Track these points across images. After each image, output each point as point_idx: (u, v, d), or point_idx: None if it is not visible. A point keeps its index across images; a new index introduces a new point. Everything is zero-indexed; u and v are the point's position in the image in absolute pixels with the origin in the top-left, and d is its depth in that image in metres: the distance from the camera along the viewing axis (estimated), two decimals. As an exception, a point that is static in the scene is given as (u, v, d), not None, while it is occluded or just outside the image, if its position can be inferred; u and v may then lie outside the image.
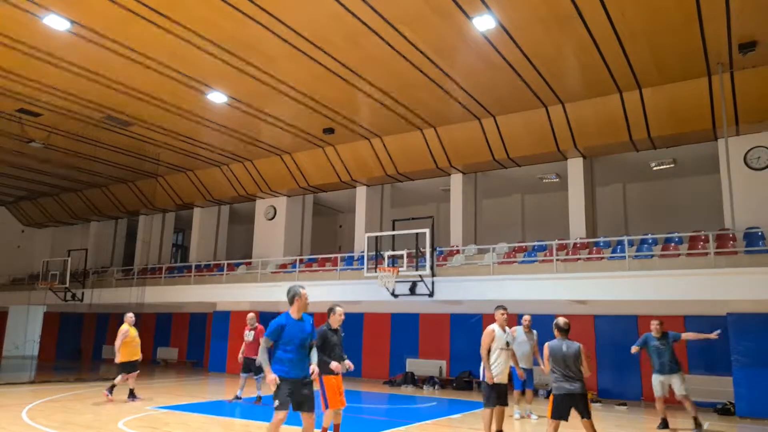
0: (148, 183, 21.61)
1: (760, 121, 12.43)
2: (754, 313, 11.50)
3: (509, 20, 10.26)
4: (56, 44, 11.43)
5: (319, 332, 7.30)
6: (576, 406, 6.68)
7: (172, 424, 8.89)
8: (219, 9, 10.03)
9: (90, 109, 14.82)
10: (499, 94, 13.44)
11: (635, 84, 12.69)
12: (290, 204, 20.41)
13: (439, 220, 17.71)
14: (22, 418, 9.07)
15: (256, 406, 11.26)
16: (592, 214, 15.67)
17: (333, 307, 7.69)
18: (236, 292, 18.27)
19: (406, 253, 14.18)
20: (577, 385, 6.75)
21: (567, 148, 14.60)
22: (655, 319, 9.70)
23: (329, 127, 15.82)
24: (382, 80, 12.81)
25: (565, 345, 7.09)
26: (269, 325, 6.15)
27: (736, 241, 12.25)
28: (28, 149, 17.92)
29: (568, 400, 6.73)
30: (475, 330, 15.48)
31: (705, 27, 10.35)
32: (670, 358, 9.45)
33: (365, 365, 17.11)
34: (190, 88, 13.41)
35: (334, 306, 7.70)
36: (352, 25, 10.46)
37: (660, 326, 9.56)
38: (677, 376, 9.41)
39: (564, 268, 13.15)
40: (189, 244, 24.13)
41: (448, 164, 16.33)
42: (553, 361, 6.98)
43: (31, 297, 23.00)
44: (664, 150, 14.74)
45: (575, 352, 6.95)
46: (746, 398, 11.20)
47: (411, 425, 9.34)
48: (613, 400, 13.20)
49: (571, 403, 6.72)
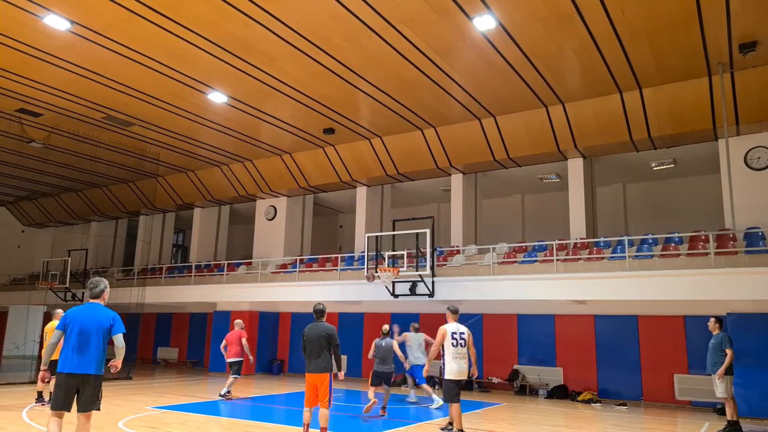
0: (148, 183, 21.61)
1: (760, 121, 12.42)
2: (754, 313, 11.51)
3: (509, 20, 10.26)
4: (56, 44, 11.43)
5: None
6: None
7: (172, 424, 8.89)
8: (219, 9, 10.03)
9: (90, 109, 14.82)
10: (499, 94, 13.44)
11: (635, 84, 12.69)
12: (290, 204, 20.40)
13: (439, 220, 17.72)
14: (23, 418, 9.07)
15: (259, 406, 11.25)
16: (592, 214, 15.67)
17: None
18: (236, 293, 18.27)
19: (406, 253, 14.18)
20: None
21: (567, 148, 14.60)
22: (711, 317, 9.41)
23: (329, 127, 15.82)
24: (382, 80, 12.81)
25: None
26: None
27: (736, 241, 12.24)
28: (28, 149, 17.92)
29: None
30: (475, 330, 15.51)
31: (705, 27, 10.35)
32: (712, 359, 9.10)
33: (365, 365, 17.10)
34: (190, 88, 13.41)
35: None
36: (352, 24, 10.46)
37: (715, 324, 9.26)
38: (714, 378, 9.10)
39: (564, 268, 13.14)
40: (189, 244, 24.14)
41: (448, 164, 16.33)
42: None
43: (31, 297, 23.00)
44: (664, 150, 14.73)
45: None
46: (746, 398, 11.19)
47: (411, 425, 9.34)
48: (613, 400, 13.20)
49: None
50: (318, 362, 7.20)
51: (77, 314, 5.58)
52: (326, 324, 7.43)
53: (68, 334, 5.50)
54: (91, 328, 5.51)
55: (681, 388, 12.81)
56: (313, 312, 7.51)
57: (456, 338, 7.88)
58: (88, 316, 5.57)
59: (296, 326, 18.84)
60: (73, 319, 5.55)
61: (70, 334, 5.49)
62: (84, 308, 5.66)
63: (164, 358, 22.29)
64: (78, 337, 5.46)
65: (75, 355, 5.42)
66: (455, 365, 7.80)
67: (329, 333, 7.29)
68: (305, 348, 7.35)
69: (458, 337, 7.90)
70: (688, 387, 12.73)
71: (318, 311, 7.47)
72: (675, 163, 15.84)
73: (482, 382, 15.02)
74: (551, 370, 14.44)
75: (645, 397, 13.13)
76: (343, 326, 17.12)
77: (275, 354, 19.36)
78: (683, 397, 12.76)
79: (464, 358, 7.87)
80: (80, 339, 5.46)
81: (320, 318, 7.46)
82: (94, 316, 5.58)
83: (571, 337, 14.34)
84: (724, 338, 9.05)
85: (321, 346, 7.23)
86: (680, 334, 13.03)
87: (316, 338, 7.26)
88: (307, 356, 7.31)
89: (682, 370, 12.88)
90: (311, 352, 7.26)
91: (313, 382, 7.23)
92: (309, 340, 7.30)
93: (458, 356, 7.82)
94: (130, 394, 12.58)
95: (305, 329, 7.43)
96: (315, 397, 7.26)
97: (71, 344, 5.45)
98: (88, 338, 5.48)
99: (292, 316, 19.11)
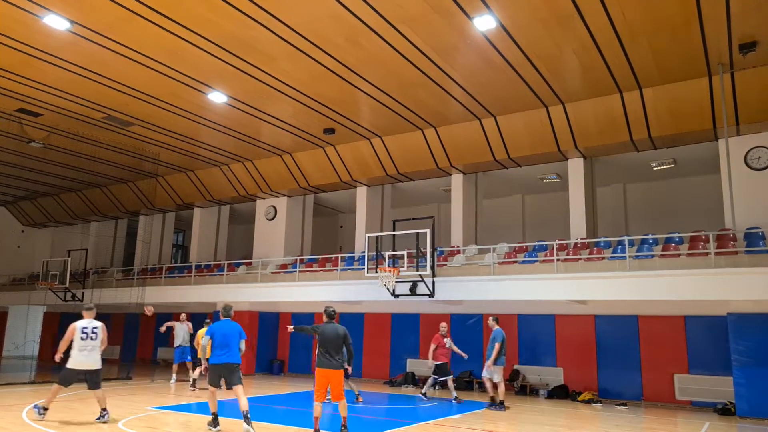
0: (148, 183, 21.61)
1: (760, 121, 12.42)
2: (754, 313, 11.50)
3: (510, 20, 10.25)
4: (56, 44, 11.43)
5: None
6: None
7: (172, 424, 8.89)
8: (219, 9, 10.03)
9: (90, 109, 14.82)
10: (499, 94, 13.44)
11: (636, 84, 12.68)
12: (291, 204, 20.40)
13: (439, 221, 17.72)
14: (22, 418, 9.07)
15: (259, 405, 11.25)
16: (592, 214, 15.66)
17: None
18: (236, 293, 18.26)
19: (406, 253, 14.18)
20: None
21: (567, 148, 14.59)
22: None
23: (329, 127, 15.81)
24: (382, 80, 12.80)
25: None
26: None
27: (737, 241, 12.24)
28: (28, 149, 17.91)
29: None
30: (476, 330, 15.51)
31: (705, 27, 10.34)
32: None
33: (366, 365, 17.11)
34: (190, 88, 13.40)
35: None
36: (352, 24, 10.45)
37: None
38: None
39: (564, 269, 13.14)
40: (189, 244, 24.14)
41: (448, 164, 16.32)
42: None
43: (31, 297, 22.99)
44: (664, 150, 14.73)
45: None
46: (746, 398, 11.20)
47: (411, 425, 9.34)
48: (613, 400, 13.20)
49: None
50: (337, 359, 7.85)
51: (220, 327, 8.41)
52: (340, 325, 8.11)
53: (215, 339, 8.32)
54: (231, 334, 8.35)
55: (681, 388, 12.81)
56: (326, 314, 8.20)
57: (87, 332, 8.90)
58: (228, 327, 8.40)
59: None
60: (218, 329, 8.36)
61: (217, 338, 8.31)
62: (224, 323, 8.48)
63: (164, 358, 22.25)
64: (222, 339, 8.30)
65: (222, 351, 8.26)
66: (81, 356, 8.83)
67: (345, 333, 8.08)
68: (321, 344, 7.92)
69: (89, 332, 8.93)
70: (689, 387, 12.72)
71: (331, 314, 8.21)
72: (675, 163, 15.84)
73: (482, 383, 14.98)
74: (551, 370, 14.43)
75: (645, 397, 13.12)
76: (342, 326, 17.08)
77: (275, 354, 19.35)
78: (683, 397, 12.76)
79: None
80: (223, 341, 8.29)
81: (332, 320, 8.18)
82: (231, 328, 8.42)
83: (572, 337, 14.33)
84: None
85: (339, 345, 7.92)
86: (680, 334, 13.03)
87: (335, 337, 7.92)
88: (323, 352, 7.87)
89: (683, 370, 12.88)
90: (328, 350, 7.86)
91: (327, 376, 7.80)
92: (327, 339, 7.90)
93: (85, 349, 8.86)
94: (130, 394, 12.58)
95: (320, 327, 8.07)
96: (325, 391, 7.81)
97: (217, 344, 8.31)
98: (229, 341, 8.29)
99: (292, 316, 19.11)
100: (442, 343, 12.67)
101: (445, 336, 12.74)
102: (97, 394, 8.94)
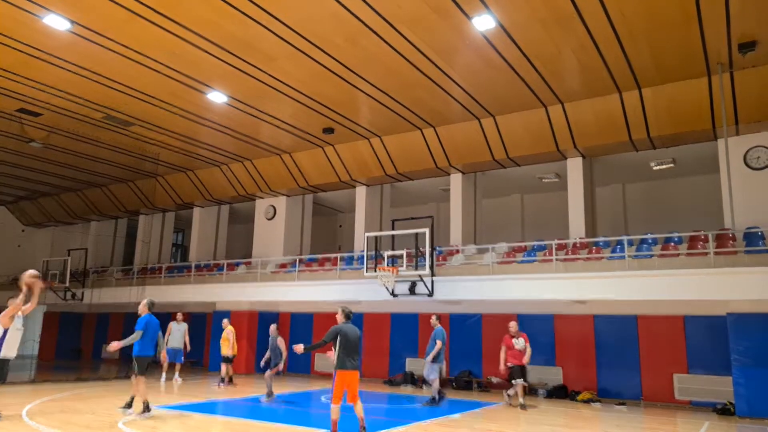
0: (148, 183, 21.61)
1: (759, 120, 12.44)
2: (753, 313, 11.50)
3: (509, 20, 10.26)
4: (56, 44, 11.43)
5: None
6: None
7: (172, 424, 8.90)
8: (219, 9, 10.04)
9: (90, 109, 14.82)
10: (498, 94, 13.45)
11: (635, 84, 12.69)
12: (290, 204, 20.41)
13: (438, 220, 17.71)
14: (22, 417, 9.07)
15: (259, 405, 11.26)
16: (591, 214, 15.67)
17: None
18: (236, 292, 18.27)
19: (405, 252, 14.18)
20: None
21: (566, 148, 14.60)
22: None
23: (329, 127, 15.82)
24: (381, 80, 12.81)
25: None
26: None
27: (736, 241, 12.25)
28: (28, 149, 17.91)
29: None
30: (475, 330, 15.53)
31: (705, 27, 10.35)
32: None
33: (365, 365, 17.08)
34: (190, 88, 13.41)
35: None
36: (351, 24, 10.46)
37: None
38: None
39: (564, 268, 13.15)
40: (189, 243, 24.12)
41: (447, 164, 16.34)
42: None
43: (31, 296, 22.94)
44: (663, 150, 14.74)
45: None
46: (746, 398, 11.20)
47: (411, 425, 9.34)
48: (612, 399, 13.21)
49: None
50: (357, 361, 7.66)
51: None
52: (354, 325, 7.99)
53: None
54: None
55: (680, 388, 12.82)
56: (345, 315, 7.92)
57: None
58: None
59: (296, 326, 18.84)
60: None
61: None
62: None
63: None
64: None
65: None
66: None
67: (360, 335, 8.00)
68: (344, 346, 7.62)
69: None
70: (688, 387, 12.73)
71: (349, 314, 7.97)
72: (674, 163, 15.85)
73: (482, 382, 15.03)
74: (551, 369, 14.44)
75: (644, 397, 13.13)
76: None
77: (275, 354, 19.32)
78: (683, 397, 12.77)
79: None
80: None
81: (349, 319, 7.97)
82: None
83: (571, 336, 14.34)
84: None
85: (358, 345, 7.75)
86: (680, 334, 13.04)
87: (356, 339, 7.74)
88: (346, 354, 7.59)
89: (682, 369, 12.89)
90: (350, 352, 7.63)
91: (349, 379, 7.55)
92: (350, 340, 7.67)
93: None
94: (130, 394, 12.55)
95: (343, 328, 7.76)
96: (343, 393, 7.55)
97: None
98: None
99: (291, 315, 19.11)
100: (510, 344, 11.78)
101: (515, 336, 11.78)
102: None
